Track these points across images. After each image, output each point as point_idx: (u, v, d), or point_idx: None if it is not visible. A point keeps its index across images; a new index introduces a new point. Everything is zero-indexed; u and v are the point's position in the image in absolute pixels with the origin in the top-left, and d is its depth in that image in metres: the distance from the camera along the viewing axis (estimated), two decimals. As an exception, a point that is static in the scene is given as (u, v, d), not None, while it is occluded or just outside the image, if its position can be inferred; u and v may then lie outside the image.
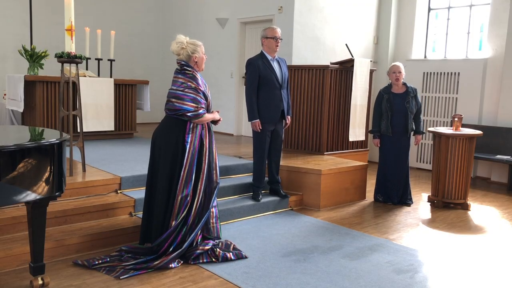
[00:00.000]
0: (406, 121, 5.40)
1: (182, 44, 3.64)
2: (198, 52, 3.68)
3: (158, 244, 3.51)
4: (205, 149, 3.64)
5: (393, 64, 5.53)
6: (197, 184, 3.62)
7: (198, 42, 3.73)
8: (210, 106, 3.74)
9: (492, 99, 7.25)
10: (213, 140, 3.76)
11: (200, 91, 3.61)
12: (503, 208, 5.66)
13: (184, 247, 3.53)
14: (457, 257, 3.91)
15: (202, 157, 3.63)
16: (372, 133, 5.60)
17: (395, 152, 5.47)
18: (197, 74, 3.67)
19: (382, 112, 5.48)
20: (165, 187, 3.56)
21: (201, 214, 3.68)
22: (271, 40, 4.70)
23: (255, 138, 4.84)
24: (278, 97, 4.76)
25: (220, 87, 8.79)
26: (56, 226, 3.78)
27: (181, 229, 3.57)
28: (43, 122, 6.32)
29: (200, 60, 3.70)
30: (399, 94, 5.43)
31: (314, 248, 3.95)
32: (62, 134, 3.21)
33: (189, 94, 3.55)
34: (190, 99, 3.54)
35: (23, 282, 3.12)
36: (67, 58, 4.36)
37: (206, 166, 3.65)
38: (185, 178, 3.55)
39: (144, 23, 9.89)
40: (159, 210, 3.57)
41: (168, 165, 3.56)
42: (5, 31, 8.25)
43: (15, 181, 2.66)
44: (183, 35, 3.70)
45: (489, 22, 7.26)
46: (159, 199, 3.57)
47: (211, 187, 3.72)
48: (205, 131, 3.67)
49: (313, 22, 7.44)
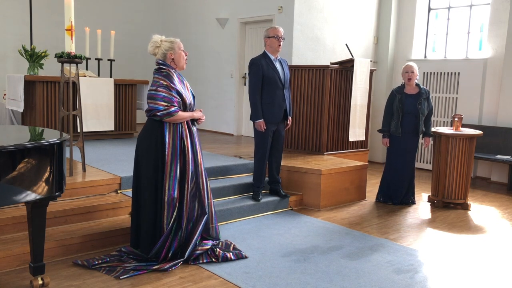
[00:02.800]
0: (417, 123, 5.35)
1: (156, 43, 3.55)
2: (174, 48, 3.54)
3: (156, 252, 3.47)
4: (187, 149, 3.53)
5: (406, 64, 5.48)
6: (183, 185, 3.53)
7: (174, 39, 3.59)
8: (191, 105, 3.59)
9: (492, 99, 7.25)
10: (196, 139, 3.63)
11: (172, 89, 3.45)
12: (503, 208, 5.66)
13: (185, 257, 3.50)
14: (457, 257, 3.91)
15: (185, 158, 3.52)
16: (382, 132, 5.55)
17: (402, 153, 5.43)
18: (172, 72, 3.53)
19: (393, 111, 5.43)
20: (150, 191, 3.48)
21: (197, 219, 3.60)
22: (274, 40, 4.70)
23: (257, 138, 4.84)
24: (281, 97, 4.77)
25: (220, 87, 8.79)
26: (56, 226, 3.78)
27: (176, 233, 3.52)
28: (43, 122, 6.32)
29: (177, 57, 3.55)
30: (412, 95, 5.38)
31: (314, 248, 3.95)
32: (62, 134, 3.21)
33: (160, 93, 3.42)
34: (161, 98, 3.41)
35: (23, 282, 3.12)
36: (67, 58, 4.36)
37: (191, 166, 3.54)
38: (169, 180, 3.46)
39: (144, 23, 9.88)
40: (147, 215, 3.50)
41: (150, 168, 3.47)
42: (5, 31, 8.25)
43: (15, 181, 2.66)
44: (158, 35, 3.62)
45: (489, 22, 7.26)
46: (145, 203, 3.50)
47: (200, 188, 3.61)
48: (185, 130, 3.54)
49: (313, 22, 7.44)
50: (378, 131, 5.70)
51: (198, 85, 9.16)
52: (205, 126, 9.10)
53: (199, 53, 9.21)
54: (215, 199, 4.70)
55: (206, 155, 5.78)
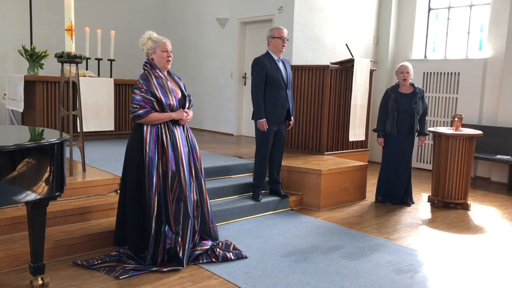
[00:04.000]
0: (412, 122, 5.37)
1: (143, 41, 3.54)
2: (155, 48, 3.49)
3: (151, 257, 3.45)
4: (166, 149, 3.46)
5: (401, 64, 5.49)
6: (165, 187, 3.47)
7: (161, 40, 3.53)
8: (171, 106, 3.49)
9: (492, 99, 7.25)
10: (180, 139, 3.53)
11: (146, 91, 3.40)
12: (503, 208, 5.66)
13: (184, 266, 3.46)
14: (457, 257, 3.91)
15: (166, 157, 3.46)
16: (377, 132, 5.57)
17: (398, 152, 5.45)
18: (152, 72, 3.49)
19: (388, 111, 5.44)
20: (134, 194, 3.47)
21: (184, 221, 3.49)
22: (278, 40, 4.70)
23: (259, 137, 4.83)
24: (284, 97, 4.76)
25: (220, 87, 8.79)
26: (56, 226, 3.78)
27: (166, 235, 3.44)
28: (43, 122, 6.32)
29: (156, 57, 3.50)
30: (407, 94, 5.40)
31: (314, 248, 3.95)
32: (62, 134, 3.21)
33: (135, 96, 3.42)
34: (135, 100, 3.41)
35: (23, 282, 3.12)
36: (67, 58, 4.36)
37: (172, 165, 3.47)
38: (149, 182, 3.42)
39: (144, 23, 9.86)
40: (132, 211, 3.48)
41: (134, 170, 3.47)
42: (5, 31, 8.25)
43: (15, 181, 2.66)
44: (151, 31, 3.58)
45: (489, 22, 7.26)
46: (130, 205, 3.49)
47: (183, 187, 3.50)
48: (165, 130, 3.48)
49: (313, 22, 7.44)
50: (373, 130, 5.71)
51: (198, 85, 9.16)
52: (205, 126, 9.11)
53: (199, 53, 9.21)
54: (215, 199, 4.70)
55: (206, 155, 5.78)
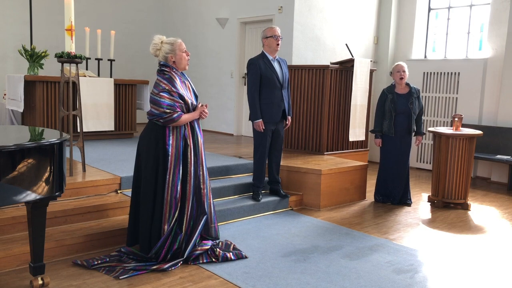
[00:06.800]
0: (409, 122, 5.38)
1: (156, 46, 3.53)
2: (174, 51, 3.52)
3: (156, 252, 3.47)
4: (190, 150, 3.53)
5: (397, 64, 5.50)
6: (185, 186, 3.53)
7: (176, 40, 3.56)
8: (193, 105, 3.58)
9: (492, 99, 7.25)
10: (200, 139, 3.62)
11: (174, 94, 3.44)
12: (503, 208, 5.66)
13: (185, 257, 3.51)
14: (457, 257, 3.91)
15: (188, 158, 3.52)
16: (374, 133, 5.58)
17: (396, 153, 5.45)
18: (174, 75, 3.52)
19: (385, 112, 5.45)
20: (149, 192, 3.48)
21: (197, 219, 3.61)
22: (271, 39, 4.70)
23: (256, 138, 4.84)
24: (279, 97, 4.77)
25: (220, 87, 8.79)
26: (56, 226, 3.78)
27: (177, 234, 3.51)
28: (43, 122, 6.32)
29: (178, 59, 3.53)
30: (403, 95, 5.41)
31: (314, 248, 3.95)
32: (62, 134, 3.21)
33: (163, 100, 3.41)
34: (164, 104, 3.40)
35: (23, 282, 3.12)
36: (67, 58, 4.36)
37: (192, 167, 3.54)
38: (171, 181, 3.46)
39: (144, 23, 9.88)
40: (145, 214, 3.50)
41: (149, 169, 3.47)
42: (5, 31, 8.25)
43: (15, 181, 2.66)
44: (160, 35, 3.59)
45: (489, 22, 7.26)
46: (144, 204, 3.50)
47: (201, 187, 3.60)
48: (188, 131, 3.54)
49: (313, 22, 7.44)
50: (371, 131, 5.71)
51: (198, 85, 9.14)
52: (205, 126, 9.10)
53: (199, 53, 9.21)
54: (215, 199, 4.70)
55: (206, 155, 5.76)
